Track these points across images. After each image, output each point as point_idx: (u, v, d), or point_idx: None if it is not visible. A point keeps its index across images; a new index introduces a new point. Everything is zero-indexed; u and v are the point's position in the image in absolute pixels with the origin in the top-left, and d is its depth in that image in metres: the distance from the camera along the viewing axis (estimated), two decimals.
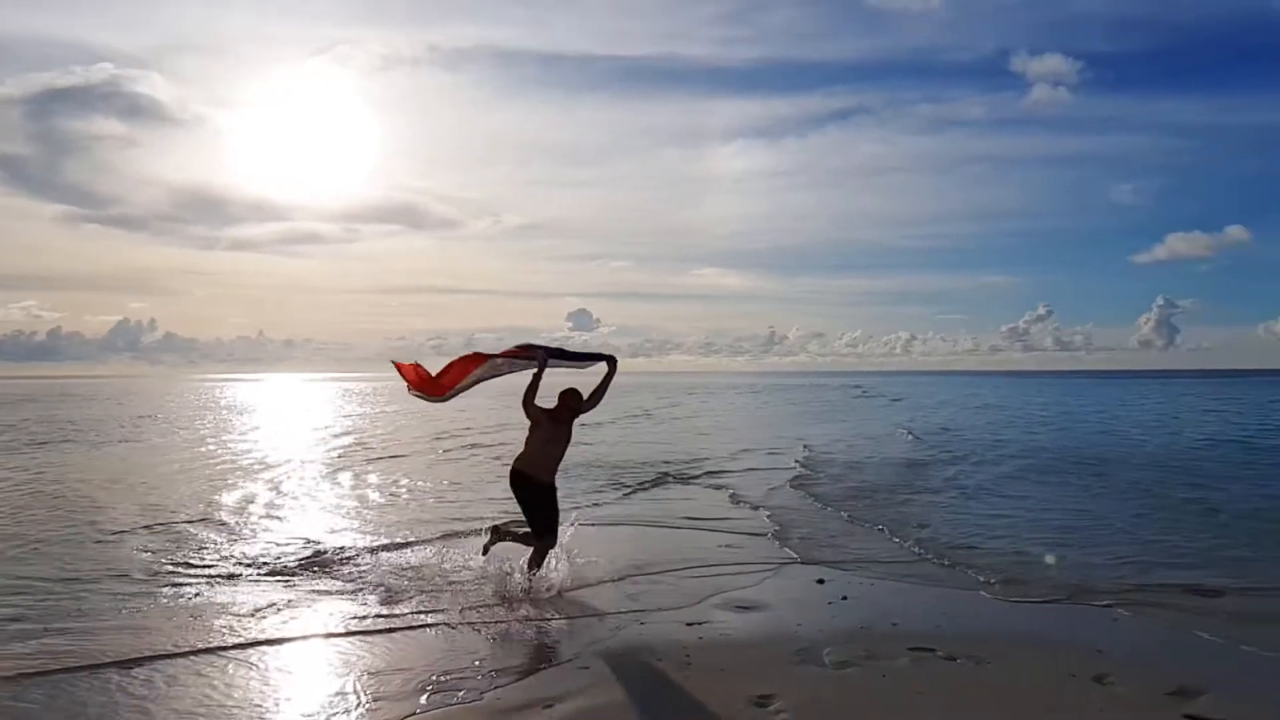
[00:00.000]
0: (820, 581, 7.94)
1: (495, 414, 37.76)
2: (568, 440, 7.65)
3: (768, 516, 11.37)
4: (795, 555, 9.07)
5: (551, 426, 7.48)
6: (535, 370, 7.62)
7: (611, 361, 7.83)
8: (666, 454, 19.74)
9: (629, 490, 13.96)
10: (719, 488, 14.28)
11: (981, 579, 8.00)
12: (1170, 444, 22.69)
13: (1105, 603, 7.15)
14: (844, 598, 7.36)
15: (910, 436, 25.14)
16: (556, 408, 7.53)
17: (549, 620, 6.69)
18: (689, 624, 6.54)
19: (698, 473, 16.12)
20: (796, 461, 18.13)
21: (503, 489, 13.35)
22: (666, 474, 15.99)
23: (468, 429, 27.90)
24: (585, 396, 7.57)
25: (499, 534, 7.94)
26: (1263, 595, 7.46)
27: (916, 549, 9.37)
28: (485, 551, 7.95)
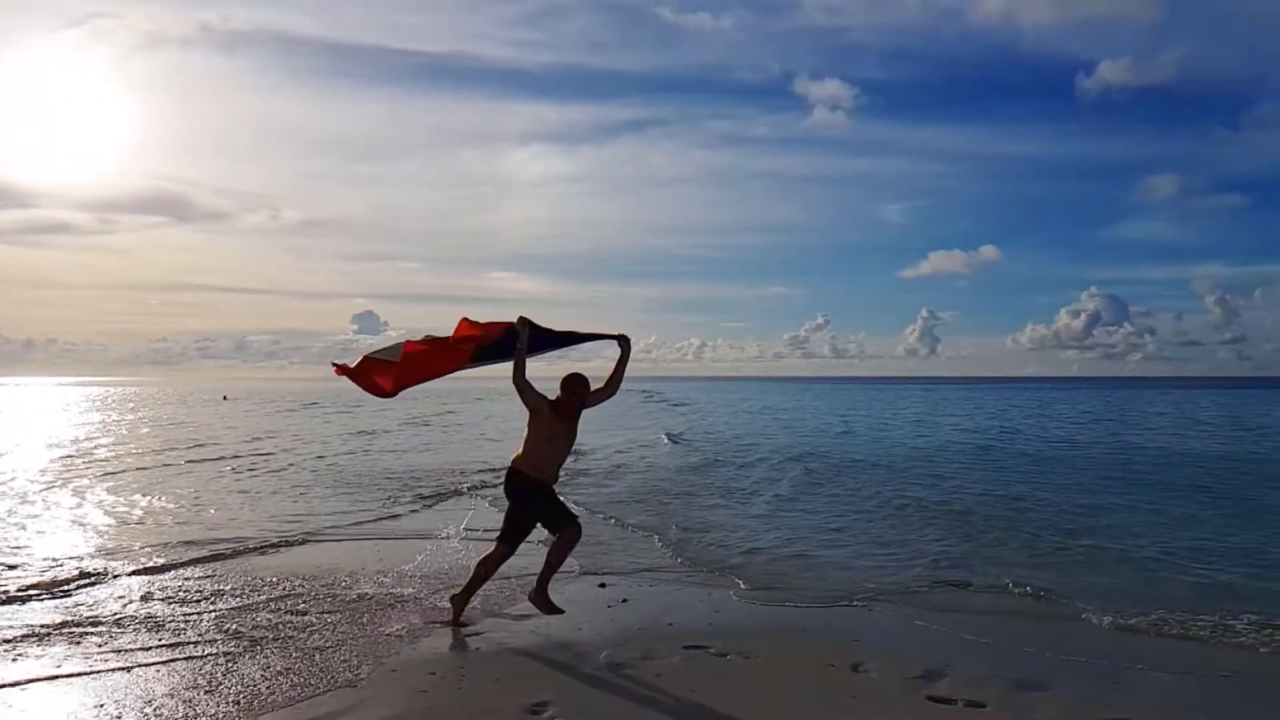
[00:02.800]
0: (602, 585, 8.04)
1: (258, 421, 35.82)
2: (573, 438, 6.67)
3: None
4: (574, 561, 9.09)
5: (554, 419, 6.44)
6: (517, 346, 6.45)
7: (624, 341, 6.78)
8: (450, 464, 19.34)
9: (413, 502, 13.52)
10: (499, 498, 14.09)
11: (749, 581, 8.30)
12: (923, 447, 24.63)
13: (864, 599, 7.60)
14: (624, 600, 7.47)
15: (669, 442, 25.68)
16: (561, 398, 6.48)
17: (325, 639, 6.33)
18: (467, 635, 6.42)
19: (479, 483, 15.86)
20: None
21: (251, 505, 12.82)
22: (450, 484, 15.64)
23: (217, 440, 26.17)
24: (593, 386, 6.59)
25: (465, 598, 6.74)
26: (1000, 592, 8.12)
27: (687, 553, 9.61)
28: (460, 624, 6.60)
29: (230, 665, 5.67)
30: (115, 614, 6.88)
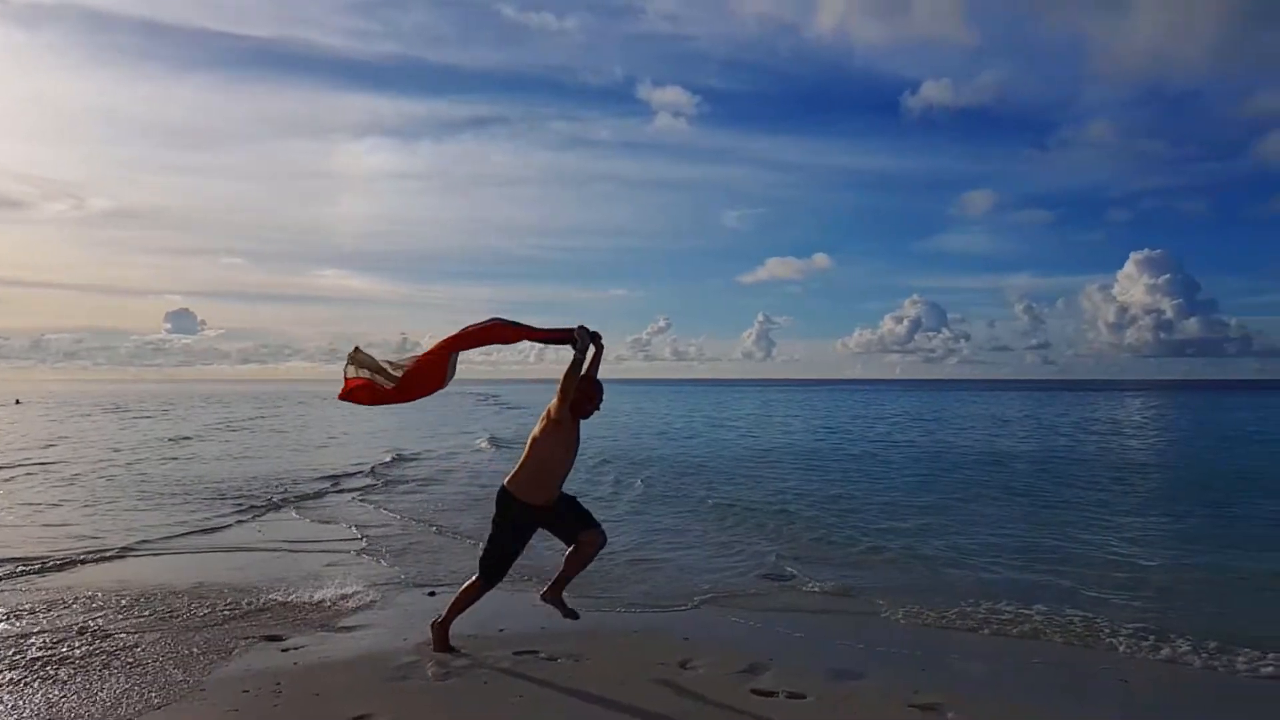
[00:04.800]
0: (431, 594, 7.86)
1: (55, 426, 33.14)
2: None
3: (368, 533, 11.05)
4: (400, 571, 8.88)
5: (573, 425, 5.91)
6: (574, 349, 5.76)
7: (583, 338, 5.82)
8: (272, 472, 18.45)
9: (232, 514, 12.80)
10: (320, 507, 13.62)
11: (582, 585, 8.27)
12: (755, 448, 25.41)
13: (695, 600, 7.75)
14: None
15: (493, 447, 25.37)
16: (575, 402, 5.88)
17: (132, 659, 5.88)
18: (284, 650, 6.12)
19: (306, 492, 15.24)
20: (379, 476, 17.69)
21: (43, 518, 11.82)
22: (273, 494, 14.93)
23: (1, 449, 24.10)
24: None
25: (452, 615, 6.13)
26: (818, 589, 8.46)
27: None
28: (445, 648, 6.04)
29: (21, 694, 5.19)
30: None
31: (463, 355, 6.00)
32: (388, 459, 21.00)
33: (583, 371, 5.81)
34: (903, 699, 5.22)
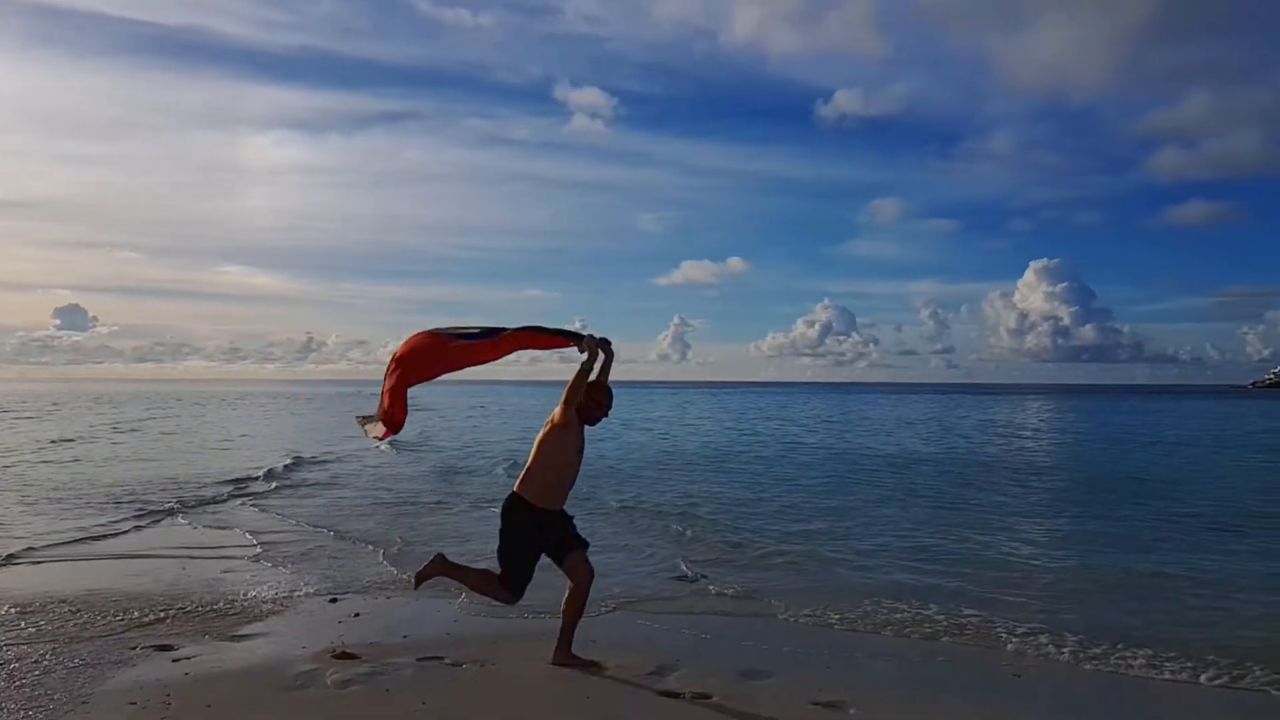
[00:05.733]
0: (333, 600, 7.68)
1: None
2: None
3: (264, 539, 10.73)
4: (299, 579, 8.65)
5: (579, 431, 5.75)
6: (583, 355, 5.62)
7: (606, 345, 5.82)
8: (168, 475, 17.77)
9: (125, 519, 12.26)
10: (214, 512, 13.19)
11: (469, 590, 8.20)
12: (669, 450, 25.52)
13: (604, 604, 7.65)
14: (356, 615, 7.15)
15: (393, 450, 24.78)
16: (583, 407, 5.72)
17: (10, 672, 5.58)
18: (175, 660, 5.89)
19: (205, 497, 14.73)
20: (276, 480, 17.19)
21: None
22: (168, 499, 14.38)
23: None
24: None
25: (567, 640, 5.87)
26: (724, 591, 8.54)
27: (414, 566, 9.27)
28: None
29: None
30: None
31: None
32: (286, 462, 20.45)
33: (592, 378, 5.68)
34: (806, 697, 5.29)
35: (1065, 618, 7.37)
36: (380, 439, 6.14)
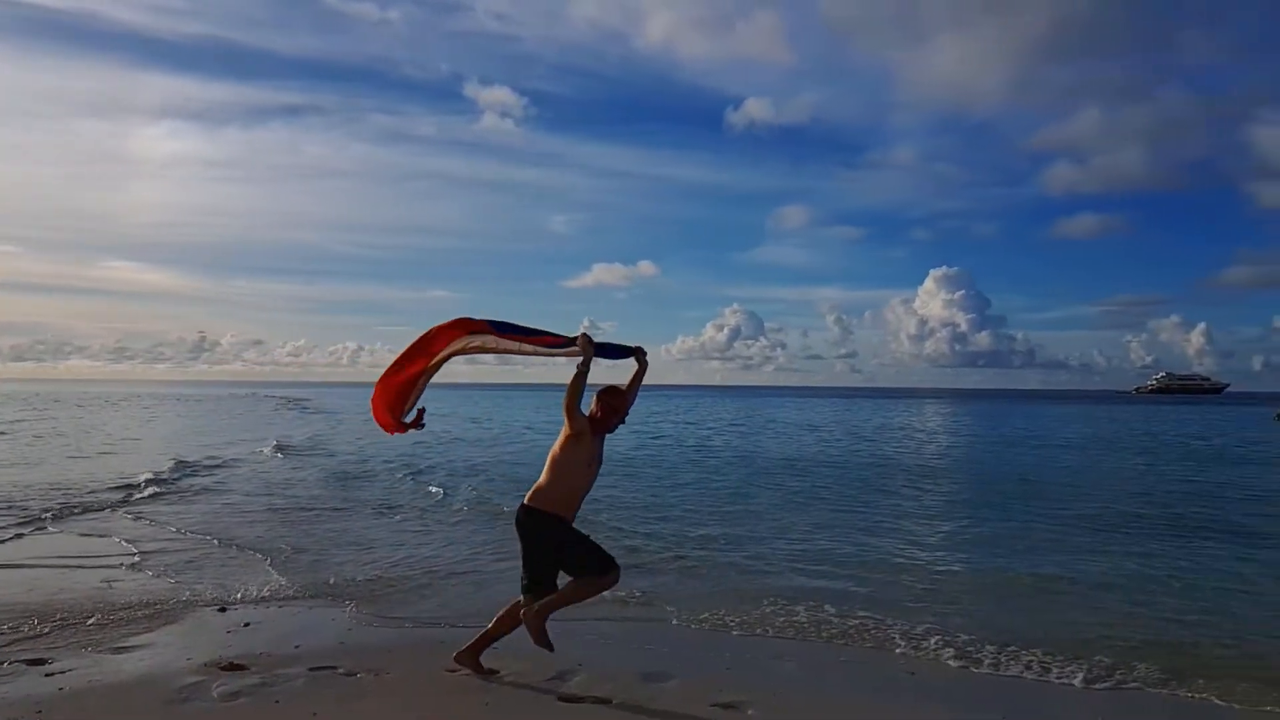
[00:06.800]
0: (222, 610, 7.41)
1: None
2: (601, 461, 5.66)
3: (146, 547, 10.29)
4: (181, 586, 8.34)
5: (594, 441, 5.52)
6: (578, 362, 5.45)
7: (641, 355, 5.90)
8: (37, 480, 16.89)
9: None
10: (92, 519, 12.59)
11: (380, 600, 8.07)
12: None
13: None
14: (246, 625, 6.92)
15: (279, 455, 24.14)
16: (598, 414, 5.55)
17: None
18: (49, 675, 5.59)
19: (69, 503, 14.00)
20: (159, 486, 16.41)
21: None
22: (38, 506, 13.68)
23: None
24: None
25: (482, 646, 5.79)
26: (627, 597, 8.50)
27: (317, 573, 9.11)
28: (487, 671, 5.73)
29: None
30: None
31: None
32: (168, 467, 19.65)
33: (607, 383, 5.58)
34: (706, 699, 5.32)
35: (957, 619, 7.57)
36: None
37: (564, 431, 5.40)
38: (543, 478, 5.46)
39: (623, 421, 5.64)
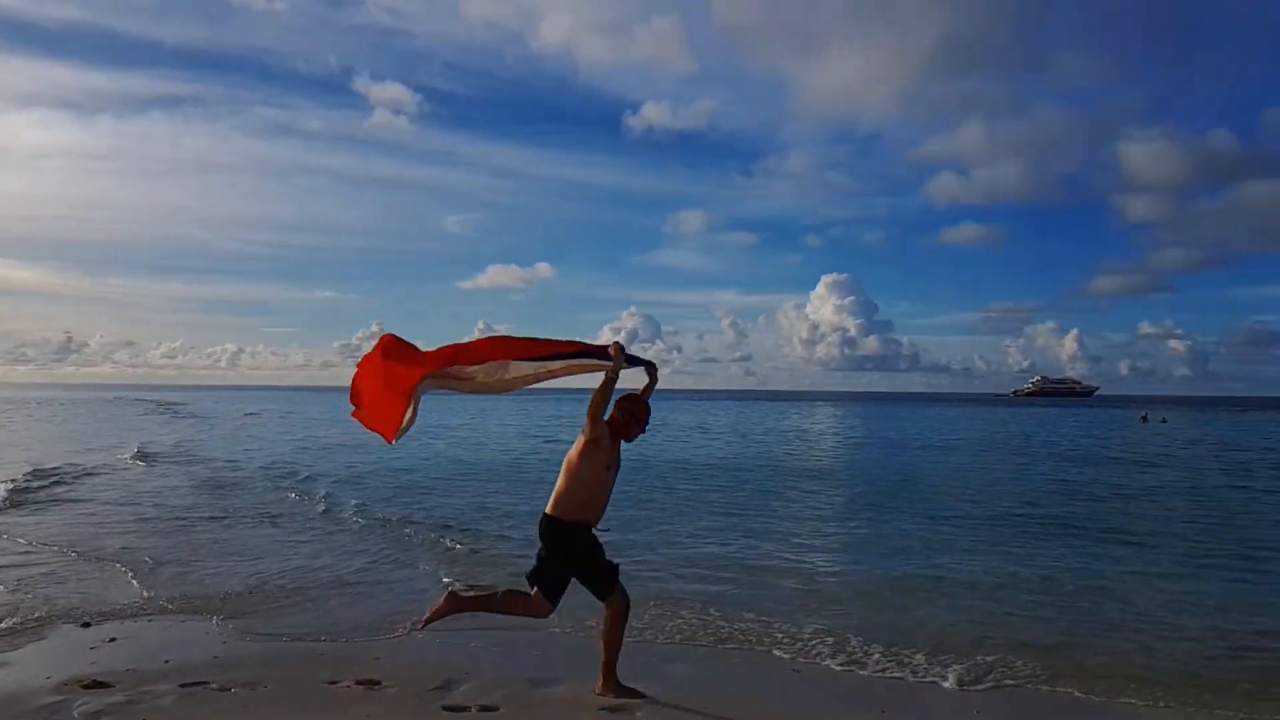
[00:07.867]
0: (85, 625, 7.03)
1: None
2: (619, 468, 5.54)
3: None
4: (39, 600, 7.91)
5: (612, 448, 5.46)
6: (606, 371, 5.37)
7: (653, 368, 5.89)
8: None
9: None
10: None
11: (252, 613, 7.77)
12: (462, 460, 25.08)
13: (385, 623, 7.43)
14: (111, 640, 6.58)
15: (141, 462, 22.97)
16: (618, 420, 5.52)
17: None
18: None
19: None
20: (12, 496, 15.48)
21: None
22: None
23: None
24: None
25: (610, 665, 5.51)
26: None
27: (183, 586, 8.72)
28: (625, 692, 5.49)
29: None
30: None
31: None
32: (23, 474, 18.56)
33: (610, 390, 5.39)
34: (594, 704, 5.31)
35: (841, 621, 7.75)
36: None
37: (583, 437, 5.36)
38: (560, 485, 5.39)
39: (643, 430, 5.66)
